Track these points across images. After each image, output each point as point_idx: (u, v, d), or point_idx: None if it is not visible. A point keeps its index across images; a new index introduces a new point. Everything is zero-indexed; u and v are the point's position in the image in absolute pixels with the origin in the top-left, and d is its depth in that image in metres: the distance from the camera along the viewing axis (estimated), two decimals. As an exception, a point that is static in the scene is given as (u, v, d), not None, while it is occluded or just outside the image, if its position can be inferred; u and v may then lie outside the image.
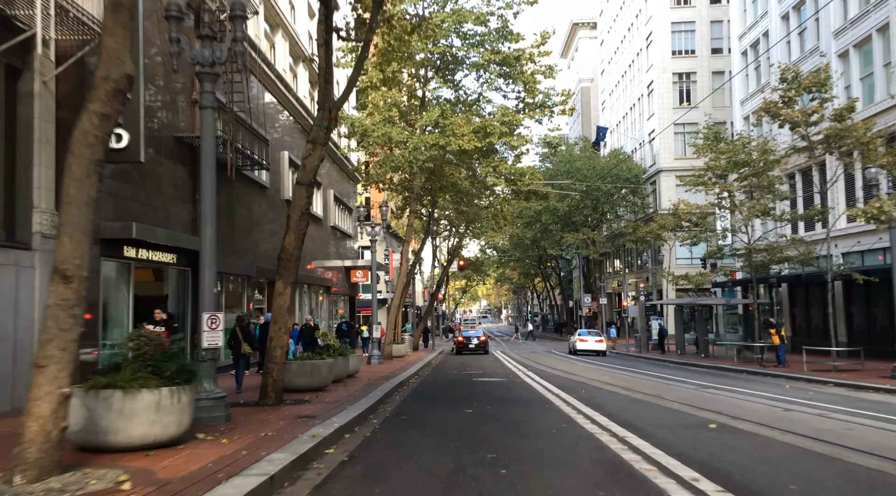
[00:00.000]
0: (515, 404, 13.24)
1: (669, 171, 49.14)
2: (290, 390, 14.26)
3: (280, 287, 12.36)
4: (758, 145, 26.79)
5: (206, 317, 9.62)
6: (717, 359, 28.84)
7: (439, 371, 23.94)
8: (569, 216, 51.86)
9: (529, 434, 9.60)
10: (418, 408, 12.77)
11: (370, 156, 27.81)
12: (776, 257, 26.43)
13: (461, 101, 29.48)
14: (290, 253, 12.34)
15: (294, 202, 12.51)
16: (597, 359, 33.02)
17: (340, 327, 25.34)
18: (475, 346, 37.12)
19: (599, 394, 15.15)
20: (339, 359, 16.67)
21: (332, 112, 12.30)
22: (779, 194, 26.46)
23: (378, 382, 16.80)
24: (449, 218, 39.71)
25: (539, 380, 19.25)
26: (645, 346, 36.74)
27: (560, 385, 17.47)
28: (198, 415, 9.11)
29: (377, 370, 21.45)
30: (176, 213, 17.21)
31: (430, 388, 17.19)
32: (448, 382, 18.89)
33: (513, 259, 62.89)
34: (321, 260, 32.52)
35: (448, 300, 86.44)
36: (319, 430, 8.96)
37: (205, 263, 9.77)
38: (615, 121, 61.26)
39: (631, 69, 56.76)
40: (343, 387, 15.42)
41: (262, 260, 23.13)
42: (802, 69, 23.99)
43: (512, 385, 17.88)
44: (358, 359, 18.94)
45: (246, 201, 21.93)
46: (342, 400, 12.86)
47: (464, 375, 21.45)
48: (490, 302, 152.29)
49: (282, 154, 25.90)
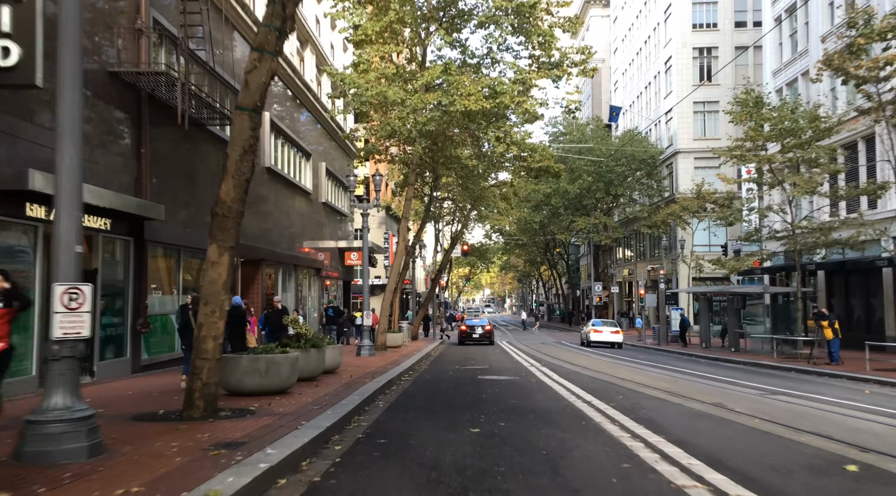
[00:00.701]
0: (540, 419, 9.53)
1: (688, 152, 45.23)
2: (239, 394, 10.60)
3: (213, 254, 8.64)
4: (806, 112, 22.92)
5: (61, 292, 5.93)
6: (751, 354, 25.11)
7: (439, 365, 20.27)
8: (580, 199, 48.08)
9: (577, 483, 5.89)
10: (405, 424, 9.07)
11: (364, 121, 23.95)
12: (827, 240, 22.60)
13: (467, 63, 25.60)
14: (227, 206, 8.62)
15: (233, 135, 8.76)
16: (614, 351, 29.32)
17: (326, 313, 21.65)
18: (480, 336, 33.44)
19: (644, 403, 11.44)
20: (310, 352, 12.99)
21: (286, 6, 8.52)
22: (829, 168, 22.57)
23: (360, 381, 13.13)
24: (452, 196, 35.93)
25: (558, 379, 15.55)
26: (664, 338, 33.02)
27: (587, 387, 13.76)
28: (39, 448, 5.47)
29: (365, 364, 17.80)
30: (111, 169, 13.51)
31: (426, 390, 13.50)
32: (448, 381, 15.20)
33: (519, 244, 58.96)
34: (313, 240, 28.85)
35: (451, 288, 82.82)
36: (230, 478, 5.29)
37: (60, 205, 6.05)
38: (628, 101, 57.26)
39: (647, 45, 52.71)
40: (313, 389, 11.75)
41: (233, 234, 19.43)
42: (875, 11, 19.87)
43: (527, 386, 14.18)
44: (340, 351, 15.26)
45: (214, 165, 18.18)
46: (302, 410, 9.20)
47: (467, 371, 17.77)
48: (494, 291, 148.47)
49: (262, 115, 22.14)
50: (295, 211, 26.14)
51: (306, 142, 27.64)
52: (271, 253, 22.71)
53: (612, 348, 32.20)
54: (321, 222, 30.39)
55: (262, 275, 22.11)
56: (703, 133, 45.81)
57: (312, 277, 29.71)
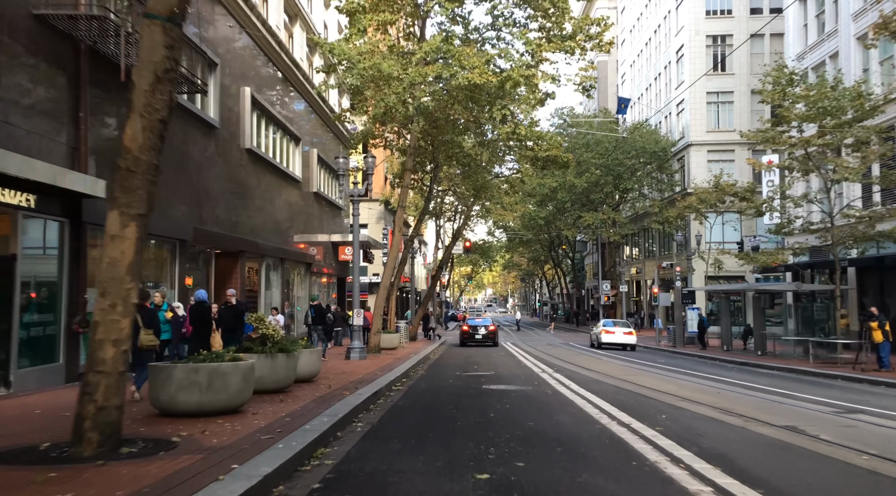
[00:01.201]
0: (570, 455, 6.89)
1: (700, 144, 42.55)
2: (174, 415, 8.00)
3: (114, 224, 6.01)
4: (849, 89, 20.26)
5: None
6: (780, 358, 22.46)
7: (438, 371, 17.65)
8: (587, 194, 45.44)
9: None
10: (385, 463, 6.44)
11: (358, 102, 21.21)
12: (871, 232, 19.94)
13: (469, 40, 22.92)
14: (132, 157, 5.98)
15: (141, 56, 6.11)
16: (628, 355, 26.68)
17: (309, 311, 19.06)
18: (483, 337, 30.79)
19: (697, 426, 8.80)
20: (277, 358, 10.38)
21: None
22: (881, 150, 19.88)
23: (339, 394, 10.51)
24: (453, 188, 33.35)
25: (578, 389, 12.91)
26: (681, 340, 30.35)
27: (616, 401, 11.12)
28: None
29: (352, 369, 15.19)
30: (38, 134, 10.91)
31: (419, 405, 10.87)
32: (447, 393, 12.58)
33: (523, 241, 56.11)
34: (303, 233, 26.26)
35: (452, 287, 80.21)
36: None
37: None
38: (637, 94, 54.58)
39: (657, 35, 50.05)
40: (275, 405, 9.13)
41: (204, 221, 16.86)
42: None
43: (544, 400, 11.54)
44: (318, 356, 12.65)
45: (178, 139, 15.57)
46: (245, 441, 6.59)
47: (470, 379, 15.15)
48: (496, 290, 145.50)
49: (242, 90, 19.59)
50: (282, 200, 23.53)
51: (296, 127, 25.05)
52: (252, 244, 20.12)
53: (625, 350, 29.60)
54: (312, 214, 27.79)
55: (241, 269, 19.50)
56: (716, 125, 43.13)
57: (303, 273, 27.12)
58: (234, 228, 18.91)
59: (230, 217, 18.67)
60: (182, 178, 15.69)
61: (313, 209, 27.96)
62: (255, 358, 9.34)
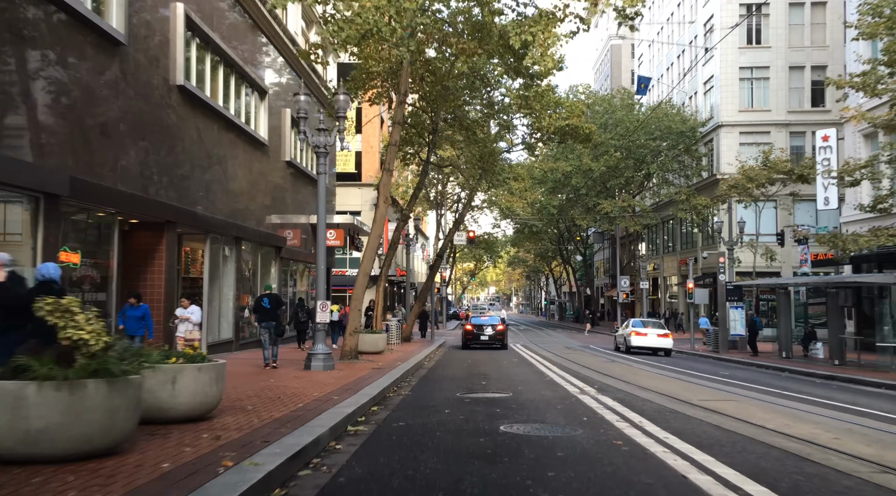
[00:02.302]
0: None
1: (732, 125, 36.97)
2: None
3: None
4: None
5: None
6: (875, 371, 16.89)
7: (429, 389, 12.05)
8: (604, 180, 39.86)
9: None
10: None
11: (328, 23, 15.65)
12: None
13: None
14: None
15: None
16: (667, 362, 21.14)
17: (260, 304, 13.49)
18: (489, 338, 25.21)
19: None
20: (87, 387, 4.84)
21: None
22: None
23: (210, 467, 4.96)
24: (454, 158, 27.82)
25: (669, 438, 7.30)
26: (724, 344, 24.77)
27: (747, 465, 5.56)
28: None
29: (298, 389, 9.67)
30: None
31: (378, 490, 5.28)
32: (438, 446, 6.96)
33: (532, 233, 50.21)
34: (273, 210, 20.84)
35: (455, 284, 74.61)
36: None
37: None
38: (657, 74, 48.99)
39: (681, 8, 44.53)
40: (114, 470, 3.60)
41: (96, 172, 11.30)
42: None
43: (621, 470, 5.94)
44: (217, 374, 7.07)
45: (38, 35, 10.02)
46: None
47: (477, 409, 9.53)
48: (499, 288, 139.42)
49: (172, 5, 14.09)
50: (238, 164, 18.04)
51: (262, 79, 19.60)
52: (187, 214, 14.61)
53: (656, 355, 24.08)
54: (283, 187, 22.26)
55: (169, 245, 13.98)
56: (749, 104, 37.54)
57: (272, 259, 21.61)
58: (156, 191, 13.41)
59: (148, 173, 13.16)
60: (50, 98, 10.16)
61: (285, 181, 22.43)
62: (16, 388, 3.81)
